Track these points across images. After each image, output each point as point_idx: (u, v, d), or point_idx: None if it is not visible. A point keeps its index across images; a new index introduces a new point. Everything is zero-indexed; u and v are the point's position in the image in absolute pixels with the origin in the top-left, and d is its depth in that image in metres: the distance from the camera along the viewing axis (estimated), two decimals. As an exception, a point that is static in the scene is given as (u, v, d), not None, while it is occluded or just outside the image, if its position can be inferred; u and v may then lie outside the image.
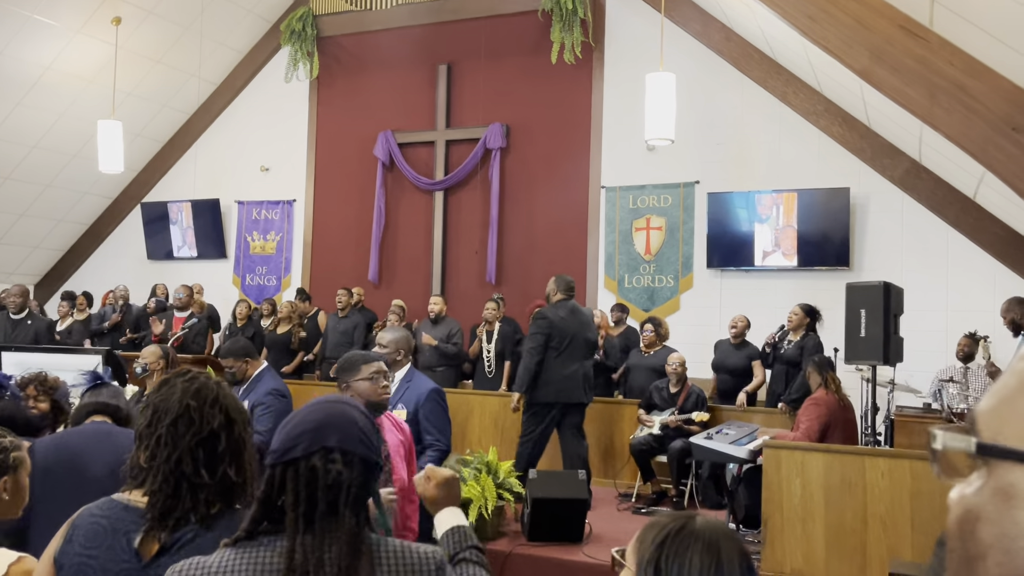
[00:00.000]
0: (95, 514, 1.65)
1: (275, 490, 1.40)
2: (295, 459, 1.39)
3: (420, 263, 10.37)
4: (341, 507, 1.37)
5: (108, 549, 1.60)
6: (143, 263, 11.89)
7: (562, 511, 5.14)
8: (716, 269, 8.93)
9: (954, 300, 7.90)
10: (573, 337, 6.01)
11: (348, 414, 1.45)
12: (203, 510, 1.62)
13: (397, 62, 10.61)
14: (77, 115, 10.48)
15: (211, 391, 1.68)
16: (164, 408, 1.66)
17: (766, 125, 8.79)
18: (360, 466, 1.41)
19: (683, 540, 1.20)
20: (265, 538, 1.40)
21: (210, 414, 1.65)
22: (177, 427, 1.64)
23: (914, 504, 4.28)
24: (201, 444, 1.63)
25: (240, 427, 1.69)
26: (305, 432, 1.41)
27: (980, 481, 0.53)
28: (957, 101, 4.42)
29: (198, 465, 1.62)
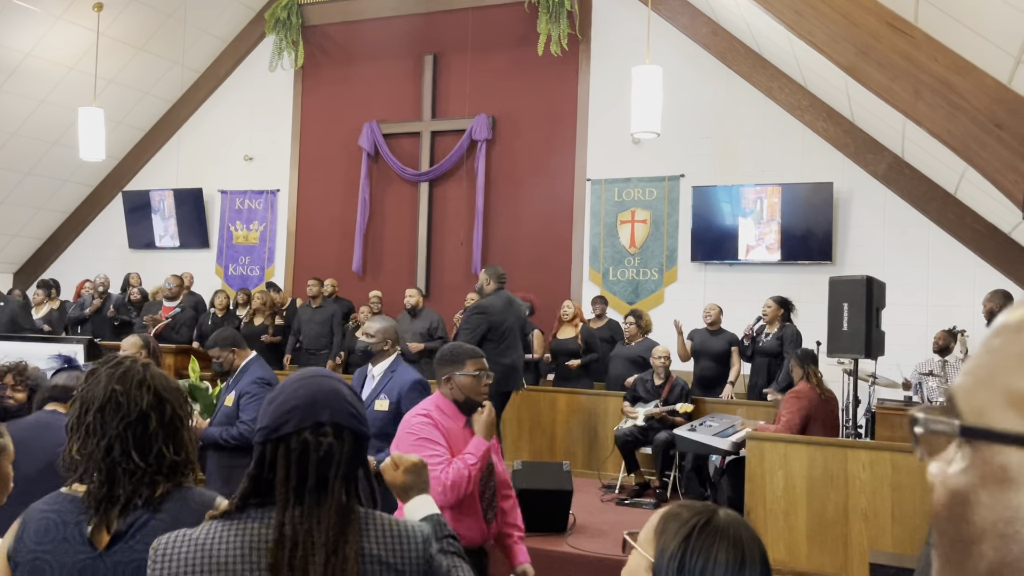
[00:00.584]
0: (43, 509, 1.63)
1: (265, 466, 1.39)
2: (286, 435, 1.38)
3: (405, 254, 10.35)
4: (331, 480, 1.37)
5: (62, 542, 1.59)
6: (124, 252, 11.79)
7: (546, 502, 5.16)
8: (700, 262, 8.97)
9: (934, 295, 7.98)
10: (509, 328, 6.15)
11: (337, 388, 1.45)
12: (146, 492, 1.61)
13: (383, 52, 10.56)
14: (58, 102, 10.36)
15: (137, 373, 1.66)
16: (91, 398, 1.64)
17: (751, 119, 8.83)
18: (351, 439, 1.41)
19: (708, 536, 1.21)
20: (253, 511, 1.39)
21: (137, 396, 1.63)
22: (104, 414, 1.62)
23: (895, 496, 4.34)
24: (130, 427, 1.62)
25: (173, 405, 1.68)
26: (296, 408, 1.40)
27: (964, 462, 0.52)
28: (941, 97, 4.46)
29: (128, 448, 1.61)
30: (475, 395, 2.93)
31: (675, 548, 1.21)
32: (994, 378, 0.51)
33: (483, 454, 2.84)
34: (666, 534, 1.23)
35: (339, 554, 1.34)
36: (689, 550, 1.20)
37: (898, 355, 7.15)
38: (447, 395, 2.96)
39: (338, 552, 1.34)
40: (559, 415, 7.31)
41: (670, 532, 1.23)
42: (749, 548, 1.21)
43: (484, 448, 2.86)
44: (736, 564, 1.19)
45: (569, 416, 7.27)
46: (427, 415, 2.88)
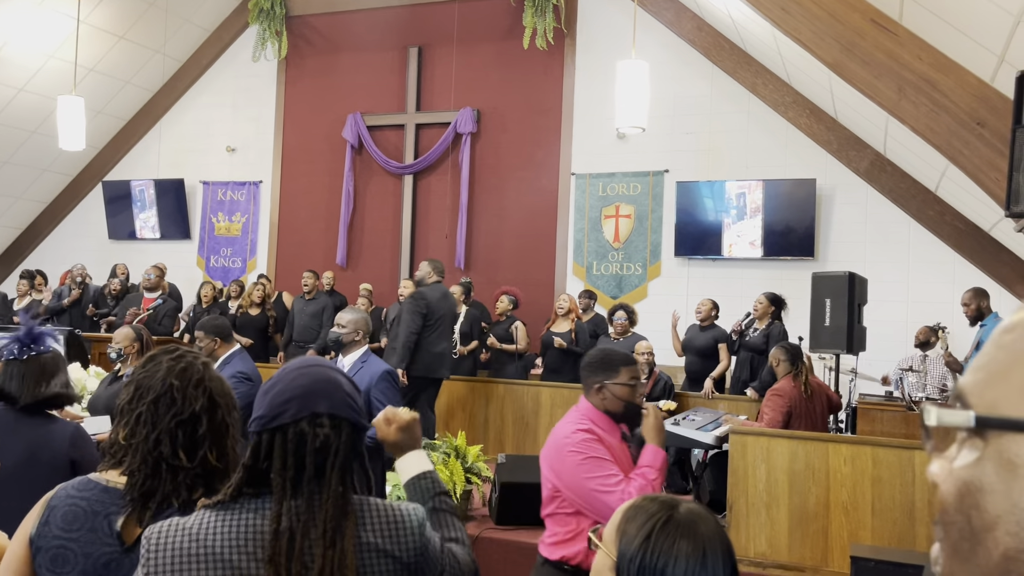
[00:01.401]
0: (72, 495, 1.60)
1: (261, 456, 1.38)
2: (283, 425, 1.38)
3: (388, 247, 10.32)
4: (328, 471, 1.37)
5: (89, 532, 1.56)
6: (104, 243, 11.67)
7: (530, 495, 5.16)
8: (684, 258, 9.01)
9: (915, 291, 8.07)
10: (443, 318, 6.53)
11: (334, 379, 1.45)
12: (184, 495, 1.59)
13: (367, 44, 10.50)
14: (37, 90, 10.23)
15: (196, 372, 1.65)
16: (147, 385, 1.62)
17: (735, 115, 8.87)
18: (348, 429, 1.41)
19: (669, 535, 1.20)
20: (247, 501, 1.38)
21: (192, 395, 1.61)
22: (158, 406, 1.60)
23: (875, 490, 4.38)
24: (181, 426, 1.60)
25: (224, 411, 1.66)
26: (293, 398, 1.39)
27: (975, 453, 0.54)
28: (924, 95, 4.50)
29: (176, 447, 1.58)
30: (633, 401, 2.68)
31: (636, 548, 1.20)
32: (1009, 372, 0.54)
33: (662, 465, 2.61)
34: (627, 534, 1.23)
35: (336, 546, 1.34)
36: (650, 550, 1.19)
37: (879, 351, 7.24)
38: (598, 405, 2.68)
39: (335, 544, 1.34)
40: (543, 408, 7.32)
41: (631, 532, 1.22)
42: (710, 542, 1.20)
43: (662, 457, 2.63)
44: (697, 559, 1.18)
45: (553, 409, 7.28)
46: (588, 431, 2.60)
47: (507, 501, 5.14)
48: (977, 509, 0.53)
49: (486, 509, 5.39)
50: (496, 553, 4.98)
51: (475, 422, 7.45)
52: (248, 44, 10.93)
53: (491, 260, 9.83)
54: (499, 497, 5.14)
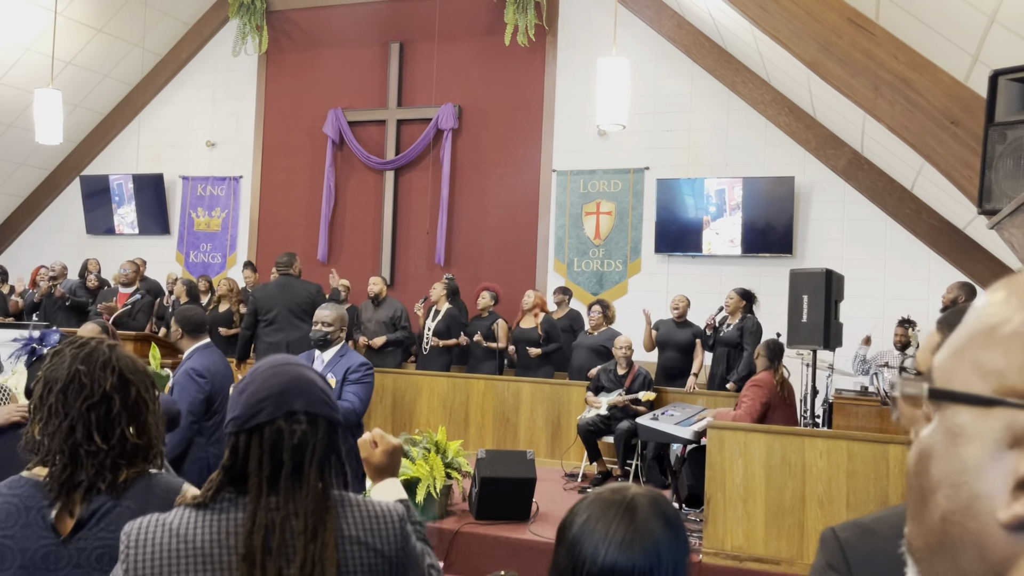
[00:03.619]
0: (4, 494, 1.61)
1: (240, 457, 1.39)
2: (259, 424, 1.38)
3: (370, 243, 10.30)
4: (306, 467, 1.38)
5: (24, 527, 1.57)
6: (82, 238, 11.56)
7: (510, 490, 5.20)
8: (664, 254, 9.06)
9: (891, 287, 8.16)
10: (278, 310, 6.77)
11: (308, 377, 1.45)
12: (108, 477, 1.59)
13: (349, 39, 10.47)
14: (13, 83, 10.11)
15: (102, 354, 1.64)
16: (54, 377, 1.62)
17: (715, 113, 8.93)
18: (324, 426, 1.41)
19: (606, 514, 1.19)
20: (227, 501, 1.38)
21: (101, 376, 1.61)
22: (67, 394, 1.60)
23: (850, 483, 4.44)
24: (93, 408, 1.60)
25: (138, 387, 1.66)
26: (268, 397, 1.39)
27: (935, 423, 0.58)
28: (900, 94, 4.56)
29: (91, 430, 1.59)
30: None
31: (566, 520, 1.23)
32: (964, 349, 0.58)
33: None
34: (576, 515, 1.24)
35: (318, 540, 1.34)
36: (574, 512, 1.21)
37: (855, 346, 7.33)
38: None
39: (317, 538, 1.35)
40: (523, 404, 7.35)
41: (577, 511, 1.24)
42: (643, 514, 1.17)
43: None
44: (626, 530, 1.16)
45: (533, 405, 7.31)
46: None
47: (487, 496, 5.16)
48: (926, 474, 0.58)
49: (466, 504, 5.41)
50: (476, 547, 5.00)
51: (455, 418, 7.47)
52: (228, 38, 10.86)
53: (472, 257, 9.84)
54: (479, 492, 5.17)
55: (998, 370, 0.54)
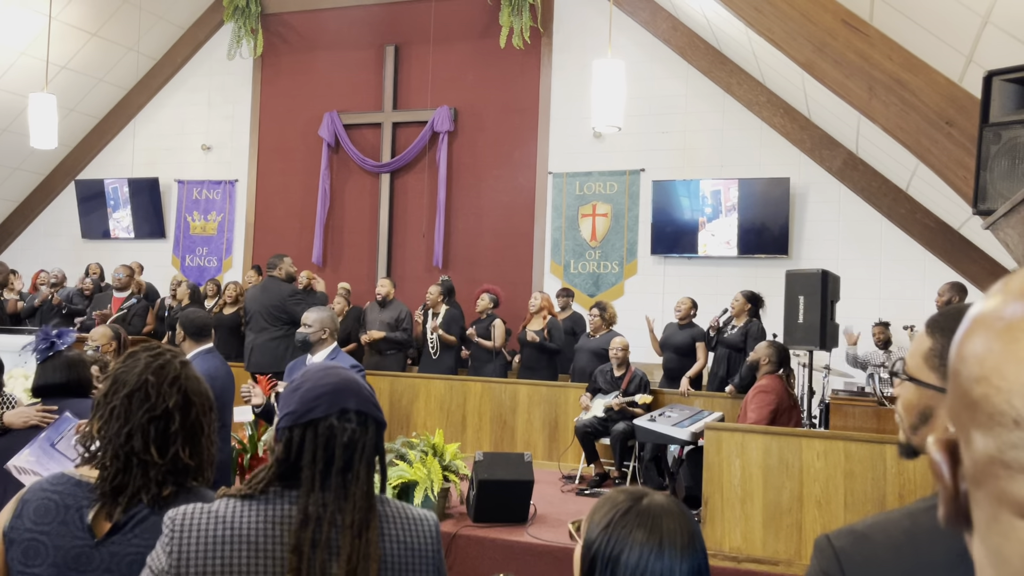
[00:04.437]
0: (45, 489, 1.61)
1: (293, 451, 1.42)
2: (314, 420, 1.42)
3: (366, 246, 10.29)
4: (356, 464, 1.43)
5: (60, 524, 1.57)
6: (77, 242, 11.54)
7: (507, 492, 5.19)
8: (660, 256, 9.07)
9: (887, 288, 8.18)
10: (254, 312, 7.09)
11: (357, 379, 1.51)
12: (154, 490, 1.60)
13: (344, 42, 10.47)
14: (8, 88, 10.09)
15: (173, 369, 1.66)
16: (123, 380, 1.64)
17: (710, 115, 8.94)
18: (374, 427, 1.47)
19: (627, 524, 1.21)
20: (274, 494, 1.42)
21: (167, 392, 1.63)
22: (132, 401, 1.62)
23: (847, 484, 4.44)
24: (153, 421, 1.61)
25: (199, 410, 1.68)
26: (324, 395, 1.44)
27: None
28: (894, 95, 4.57)
29: (148, 442, 1.60)
30: None
31: (594, 537, 1.23)
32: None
33: None
34: (591, 522, 1.25)
35: (363, 536, 1.39)
36: (607, 539, 1.22)
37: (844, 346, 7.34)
38: None
39: (362, 535, 1.39)
40: (520, 406, 7.35)
41: (595, 521, 1.25)
42: (670, 534, 1.21)
43: None
44: (653, 549, 1.19)
45: (530, 407, 7.31)
46: None
47: (485, 498, 5.16)
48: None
49: (464, 507, 5.40)
50: (474, 550, 4.99)
51: (453, 420, 7.47)
52: (223, 42, 10.86)
53: (469, 259, 9.84)
54: (477, 495, 5.16)
55: None
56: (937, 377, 1.14)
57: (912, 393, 1.18)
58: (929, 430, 1.16)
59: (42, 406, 2.90)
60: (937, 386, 1.14)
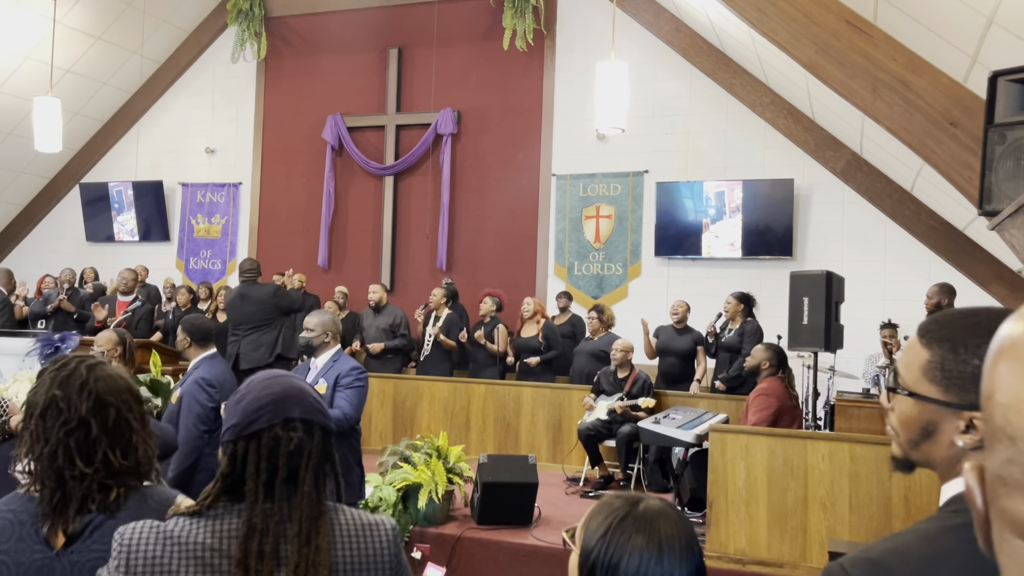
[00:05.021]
0: (1, 510, 1.61)
1: (238, 464, 1.40)
2: (258, 431, 1.40)
3: (370, 248, 10.30)
4: (302, 473, 1.40)
5: (18, 541, 1.57)
6: (82, 245, 11.57)
7: (512, 495, 5.19)
8: (664, 257, 9.06)
9: (891, 289, 8.16)
10: (238, 319, 7.32)
11: (302, 387, 1.48)
12: (98, 497, 1.58)
13: (347, 45, 10.48)
14: (13, 91, 10.12)
15: (79, 376, 1.62)
16: (34, 401, 1.62)
17: (714, 116, 8.93)
18: (320, 434, 1.44)
19: (625, 531, 1.20)
20: (223, 508, 1.40)
21: (76, 401, 1.60)
22: (45, 420, 1.59)
23: (852, 486, 4.43)
24: (71, 434, 1.58)
25: (117, 408, 1.63)
26: (266, 405, 1.42)
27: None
28: (898, 95, 4.56)
29: (72, 455, 1.57)
30: None
31: (592, 544, 1.21)
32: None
33: None
34: (588, 530, 1.24)
35: (311, 544, 1.37)
36: (605, 545, 1.20)
37: (856, 348, 7.31)
38: None
39: (311, 542, 1.37)
40: (524, 408, 7.34)
41: (591, 528, 1.23)
42: (668, 538, 1.20)
43: None
44: (652, 555, 1.19)
45: (534, 409, 7.31)
46: None
47: (489, 501, 5.15)
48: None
49: (468, 509, 5.40)
50: (478, 553, 4.99)
51: (456, 422, 7.46)
52: (227, 45, 10.87)
53: (472, 261, 9.84)
54: (481, 497, 5.15)
55: None
56: (939, 390, 1.09)
57: (911, 408, 1.12)
58: (933, 446, 1.10)
59: None
60: (941, 400, 1.09)
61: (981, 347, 1.05)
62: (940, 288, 6.52)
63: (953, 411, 1.07)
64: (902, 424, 1.15)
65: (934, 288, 6.55)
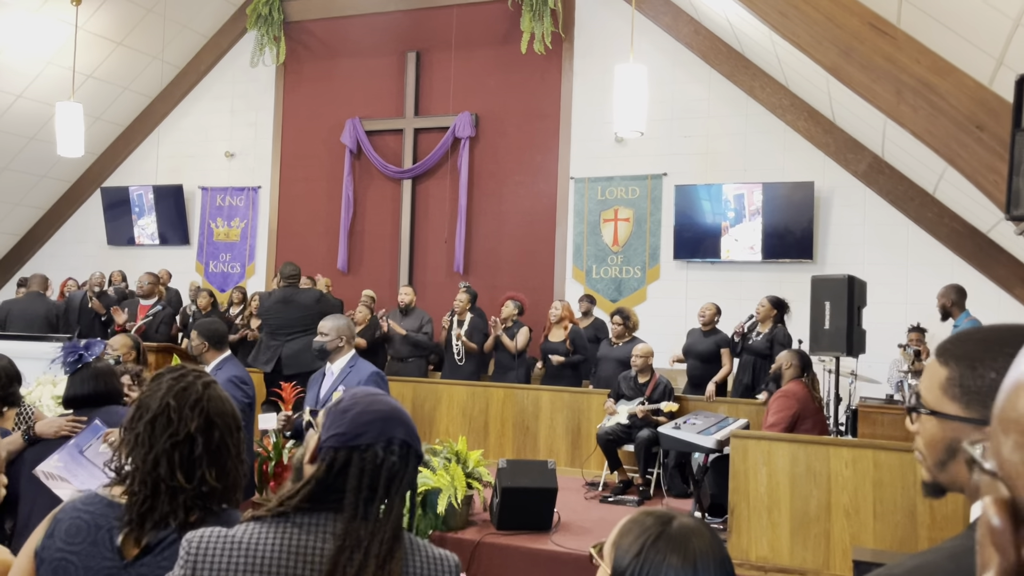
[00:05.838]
0: (78, 508, 1.61)
1: (334, 473, 1.40)
2: (361, 445, 1.41)
3: (388, 252, 10.32)
4: (393, 495, 1.41)
5: (90, 545, 1.57)
6: (103, 249, 11.67)
7: (531, 500, 5.17)
8: (682, 261, 9.02)
9: (913, 292, 8.07)
10: (278, 323, 7.33)
11: (403, 410, 1.50)
12: (182, 516, 1.59)
13: (365, 49, 10.52)
14: (35, 97, 10.23)
15: (195, 392, 1.64)
16: (146, 405, 1.63)
17: (733, 119, 8.89)
18: (414, 460, 1.46)
19: (659, 551, 1.19)
20: (298, 516, 1.39)
21: (188, 416, 1.61)
22: (155, 426, 1.61)
23: (876, 493, 4.38)
24: (177, 447, 1.60)
25: (222, 431, 1.65)
26: (374, 421, 1.43)
27: None
28: (923, 99, 4.51)
29: (174, 468, 1.59)
30: None
31: (627, 562, 1.20)
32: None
33: None
34: (620, 548, 1.22)
35: (386, 568, 1.37)
36: (639, 565, 1.19)
37: (878, 353, 7.24)
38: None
39: (385, 566, 1.37)
40: (542, 412, 7.32)
41: (624, 545, 1.22)
42: (702, 558, 1.20)
43: None
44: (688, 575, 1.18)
45: (552, 413, 7.29)
46: None
47: (508, 506, 5.14)
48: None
49: (487, 514, 5.38)
50: (497, 558, 4.97)
51: (475, 426, 7.46)
52: (246, 50, 10.94)
53: (490, 265, 9.84)
54: (500, 502, 5.14)
55: None
56: (959, 407, 1.08)
57: (935, 427, 1.12)
58: (959, 465, 1.09)
59: (72, 416, 2.92)
60: (962, 416, 1.08)
61: (997, 360, 1.05)
62: (950, 288, 6.42)
63: (975, 427, 1.07)
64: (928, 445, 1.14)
65: (944, 288, 6.46)
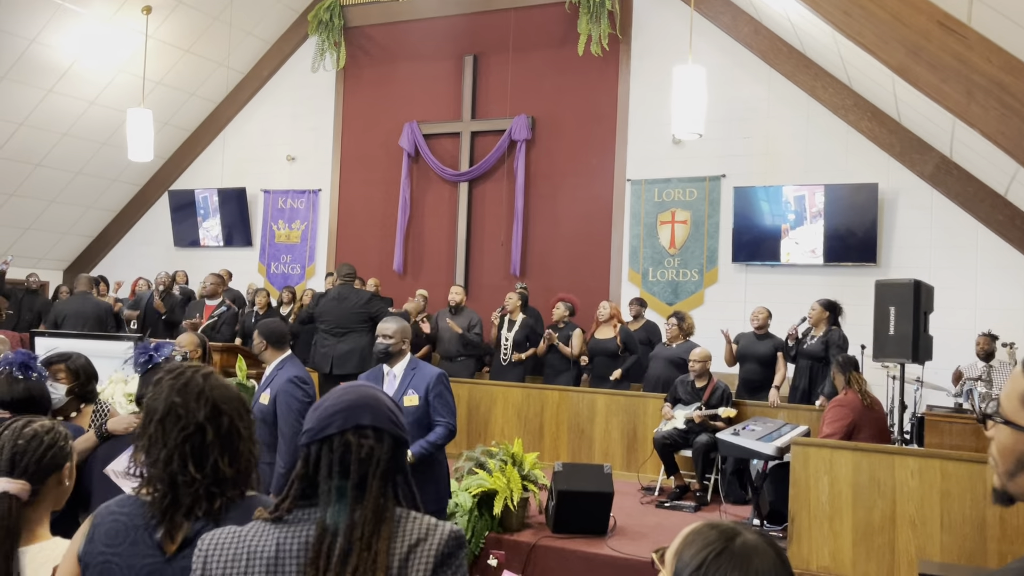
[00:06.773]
0: (114, 511, 1.68)
1: (311, 467, 1.46)
2: (330, 436, 1.45)
3: (445, 254, 10.41)
4: (370, 479, 1.44)
5: (131, 545, 1.63)
6: (170, 250, 12.01)
7: (587, 504, 5.16)
8: (741, 264, 8.90)
9: (983, 297, 7.83)
10: (333, 320, 7.32)
11: (378, 396, 1.53)
12: (204, 505, 1.65)
13: (423, 53, 10.63)
14: (107, 103, 10.59)
15: (196, 385, 1.70)
16: (153, 408, 1.69)
17: (793, 119, 8.74)
18: (390, 442, 1.48)
19: (720, 566, 1.18)
20: (302, 512, 1.45)
21: (194, 408, 1.67)
22: (164, 425, 1.66)
23: (944, 504, 4.27)
24: (188, 440, 1.65)
25: (230, 417, 1.70)
26: (339, 412, 1.47)
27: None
28: (995, 99, 4.38)
29: (186, 461, 1.64)
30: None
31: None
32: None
33: None
34: (682, 559, 1.21)
35: (372, 548, 1.40)
36: None
37: (945, 360, 7.04)
38: None
39: (371, 547, 1.40)
40: (598, 415, 7.30)
41: (685, 558, 1.21)
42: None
43: None
44: None
45: (608, 417, 7.26)
46: None
47: (564, 509, 5.14)
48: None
49: (543, 517, 5.39)
50: (553, 561, 4.98)
51: (530, 428, 7.47)
52: (307, 55, 11.16)
53: (546, 267, 9.85)
54: (556, 505, 5.15)
55: None
56: None
57: (1008, 437, 1.11)
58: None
59: None
60: None
61: None
62: None
63: None
64: (1000, 454, 1.13)
65: None
